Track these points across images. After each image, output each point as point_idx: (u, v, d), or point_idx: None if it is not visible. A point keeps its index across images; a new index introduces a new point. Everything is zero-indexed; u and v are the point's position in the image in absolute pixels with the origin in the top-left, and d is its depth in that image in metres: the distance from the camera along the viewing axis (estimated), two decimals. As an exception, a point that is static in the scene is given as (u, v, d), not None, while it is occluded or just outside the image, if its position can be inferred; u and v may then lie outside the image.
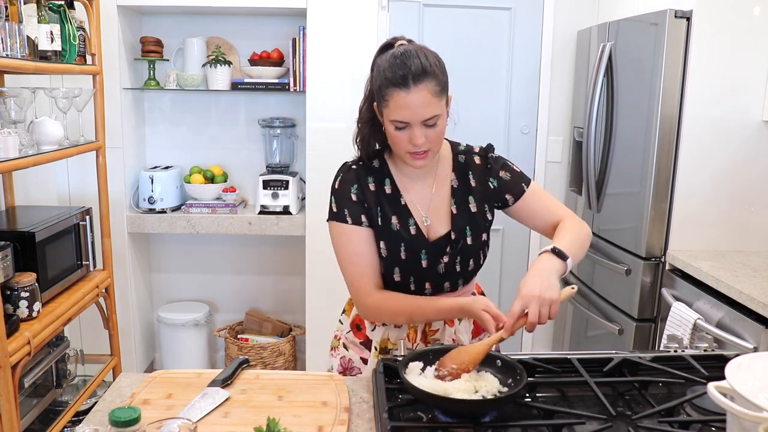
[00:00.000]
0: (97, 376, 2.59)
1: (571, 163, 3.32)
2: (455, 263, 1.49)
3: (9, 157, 1.91)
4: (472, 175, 1.52)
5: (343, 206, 1.46)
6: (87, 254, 2.49)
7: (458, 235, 1.48)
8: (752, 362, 0.99)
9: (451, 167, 1.52)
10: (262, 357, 3.16)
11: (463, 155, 1.54)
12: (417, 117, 1.34)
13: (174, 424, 0.94)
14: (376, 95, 1.40)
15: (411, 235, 1.46)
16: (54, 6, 2.23)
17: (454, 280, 1.51)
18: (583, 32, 3.15)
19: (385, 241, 1.46)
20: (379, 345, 1.54)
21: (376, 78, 1.39)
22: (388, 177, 1.50)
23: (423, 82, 1.33)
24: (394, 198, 1.48)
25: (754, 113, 2.39)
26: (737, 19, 2.33)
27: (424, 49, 1.38)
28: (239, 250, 3.46)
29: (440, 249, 1.47)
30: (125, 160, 3.07)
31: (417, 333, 1.51)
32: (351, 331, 1.59)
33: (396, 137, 1.38)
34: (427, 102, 1.33)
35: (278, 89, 3.12)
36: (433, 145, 1.39)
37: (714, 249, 2.47)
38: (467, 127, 3.26)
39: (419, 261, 1.47)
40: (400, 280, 1.49)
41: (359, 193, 1.47)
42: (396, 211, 1.47)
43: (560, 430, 1.10)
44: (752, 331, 1.94)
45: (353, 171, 1.50)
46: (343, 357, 1.60)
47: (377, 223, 1.47)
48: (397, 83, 1.33)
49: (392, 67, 1.34)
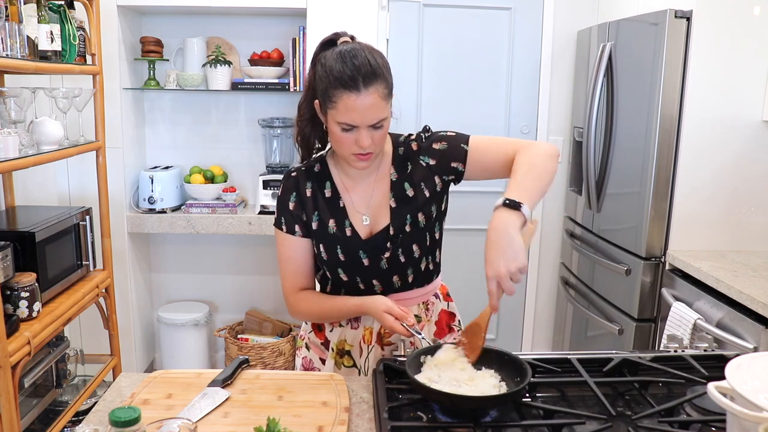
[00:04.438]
0: (97, 376, 2.59)
1: (571, 163, 3.32)
2: (398, 255, 1.46)
3: (9, 157, 1.91)
4: (411, 162, 1.47)
5: (281, 215, 1.50)
6: (87, 254, 2.49)
7: (397, 227, 1.45)
8: (752, 362, 0.99)
9: (391, 161, 1.48)
10: (262, 357, 3.16)
11: (402, 147, 1.49)
12: (366, 120, 1.31)
13: (174, 424, 0.94)
14: (321, 95, 1.34)
15: (346, 236, 1.46)
16: (54, 6, 2.23)
17: (403, 273, 1.49)
18: (583, 32, 3.15)
19: (323, 244, 1.47)
20: (336, 346, 1.54)
21: (321, 77, 1.33)
22: (328, 180, 1.48)
23: (373, 84, 1.29)
24: (333, 201, 1.47)
25: (754, 113, 2.39)
26: (737, 19, 2.33)
27: (371, 49, 1.34)
28: (239, 250, 3.46)
29: (378, 246, 1.46)
30: (125, 160, 3.07)
31: (372, 335, 1.51)
32: (312, 332, 1.60)
33: (341, 139, 1.34)
34: (376, 105, 1.30)
35: (278, 89, 3.12)
36: (377, 146, 1.36)
37: (714, 249, 2.47)
38: (467, 127, 3.26)
39: (359, 260, 1.47)
40: (348, 280, 1.50)
41: (297, 201, 1.48)
42: (333, 214, 1.47)
43: (560, 430, 1.10)
44: (752, 331, 1.94)
45: (292, 179, 1.50)
46: (305, 357, 1.61)
47: (312, 228, 1.47)
48: (347, 85, 1.28)
49: (340, 66, 1.29)
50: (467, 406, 1.15)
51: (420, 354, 1.29)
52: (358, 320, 1.53)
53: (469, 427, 1.11)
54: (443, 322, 1.60)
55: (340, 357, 1.54)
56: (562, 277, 3.38)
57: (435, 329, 1.58)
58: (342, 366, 1.54)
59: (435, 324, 1.58)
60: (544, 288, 3.51)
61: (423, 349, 1.31)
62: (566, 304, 3.31)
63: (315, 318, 1.57)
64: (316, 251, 1.49)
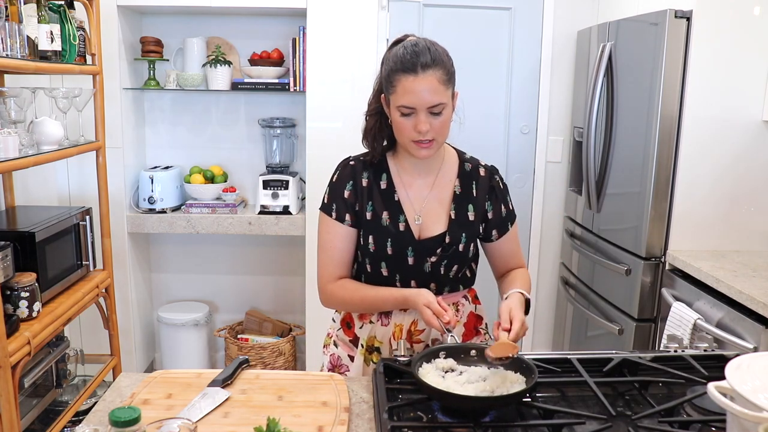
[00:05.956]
0: (97, 376, 2.59)
1: (571, 163, 3.32)
2: (441, 265, 1.51)
3: (9, 157, 1.91)
4: (476, 185, 1.55)
5: (334, 201, 1.51)
6: (87, 254, 2.49)
7: (452, 240, 1.50)
8: (752, 362, 0.99)
9: (456, 173, 1.55)
10: (262, 357, 3.16)
11: (469, 164, 1.57)
12: (423, 102, 1.37)
13: (174, 424, 0.94)
14: (384, 84, 1.42)
15: (399, 231, 1.49)
16: (54, 6, 2.23)
17: (440, 282, 1.53)
18: (583, 32, 3.15)
19: (373, 236, 1.49)
20: (366, 342, 1.55)
21: (385, 68, 1.42)
22: (385, 172, 1.52)
23: (431, 69, 1.37)
24: (388, 194, 1.51)
25: (754, 113, 2.39)
26: (737, 19, 2.33)
27: (434, 43, 1.43)
28: (239, 250, 3.46)
29: (429, 248, 1.50)
30: (125, 160, 3.07)
31: (402, 332, 1.52)
32: (341, 329, 1.61)
33: (401, 124, 1.40)
34: (434, 88, 1.37)
35: (278, 89, 3.12)
36: (437, 134, 1.41)
37: (714, 249, 2.47)
38: (467, 127, 3.25)
39: (405, 257, 1.49)
40: (388, 275, 1.51)
41: (353, 189, 1.50)
42: (388, 206, 1.50)
43: (560, 430, 1.10)
44: (752, 331, 1.93)
45: (350, 167, 1.53)
46: (333, 354, 1.62)
47: (365, 218, 1.49)
48: (405, 69, 1.36)
49: (401, 52, 1.39)
50: (467, 406, 1.15)
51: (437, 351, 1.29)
52: (389, 317, 1.53)
53: (469, 427, 1.11)
54: (471, 324, 1.61)
55: (369, 353, 1.55)
56: (562, 277, 3.38)
57: (464, 330, 1.59)
58: (371, 362, 1.55)
59: (463, 326, 1.59)
60: (544, 288, 3.52)
61: (433, 349, 1.32)
62: (566, 304, 3.31)
63: (352, 307, 1.56)
64: (362, 242, 1.51)
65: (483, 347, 1.31)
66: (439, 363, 1.28)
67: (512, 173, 3.40)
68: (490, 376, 1.24)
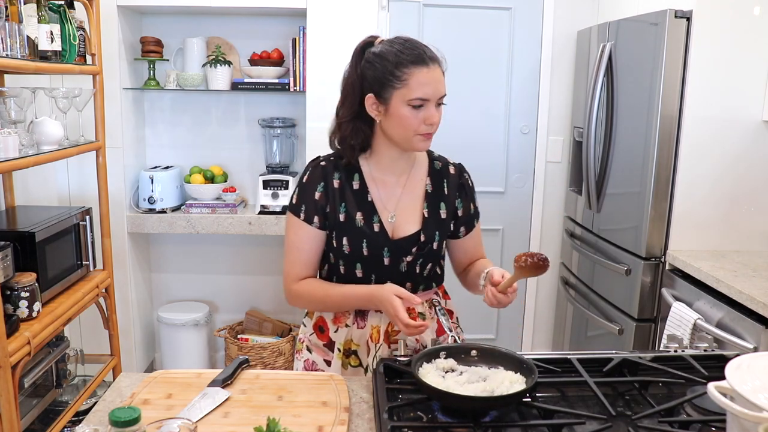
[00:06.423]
0: (97, 376, 2.59)
1: (571, 163, 3.32)
2: (417, 264, 1.52)
3: (9, 157, 1.91)
4: (447, 184, 1.56)
5: (303, 202, 1.50)
6: (87, 254, 2.48)
7: (427, 238, 1.51)
8: (752, 362, 0.99)
9: (427, 171, 1.55)
10: (262, 357, 3.16)
11: (439, 162, 1.58)
12: (437, 93, 1.39)
13: (174, 424, 0.94)
14: (386, 81, 1.39)
15: (374, 232, 1.48)
16: (54, 6, 2.23)
17: (415, 281, 1.54)
18: (583, 32, 3.15)
19: (348, 237, 1.48)
20: (343, 346, 1.54)
21: (377, 68, 1.41)
22: (357, 172, 1.51)
23: (436, 62, 1.40)
24: (361, 194, 1.50)
25: (754, 113, 2.39)
26: (737, 19, 2.33)
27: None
28: (239, 250, 3.46)
29: (404, 248, 1.49)
30: (125, 160, 3.06)
31: (380, 334, 1.51)
32: (314, 333, 1.60)
33: (408, 119, 1.39)
34: (442, 80, 1.40)
35: (278, 89, 3.12)
36: (437, 127, 1.43)
37: (714, 249, 2.47)
38: (468, 127, 3.27)
39: (381, 258, 1.49)
40: (362, 276, 1.51)
41: (324, 191, 1.49)
42: (361, 207, 1.49)
43: (560, 430, 1.10)
44: (752, 331, 1.94)
45: (321, 168, 1.51)
46: (307, 360, 1.60)
47: (338, 220, 1.48)
48: (417, 61, 1.37)
49: (401, 48, 1.39)
50: (467, 406, 1.15)
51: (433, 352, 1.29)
52: (365, 319, 1.53)
53: (469, 427, 1.11)
54: None
55: (347, 357, 1.54)
56: (562, 277, 3.38)
57: (436, 327, 1.58)
58: (349, 366, 1.54)
59: (436, 322, 1.58)
60: (544, 288, 3.51)
61: (433, 348, 1.32)
62: (566, 304, 3.31)
63: (317, 305, 1.56)
64: (336, 244, 1.49)
65: (484, 347, 1.31)
66: (440, 363, 1.28)
67: (512, 173, 3.40)
68: (490, 376, 1.24)
